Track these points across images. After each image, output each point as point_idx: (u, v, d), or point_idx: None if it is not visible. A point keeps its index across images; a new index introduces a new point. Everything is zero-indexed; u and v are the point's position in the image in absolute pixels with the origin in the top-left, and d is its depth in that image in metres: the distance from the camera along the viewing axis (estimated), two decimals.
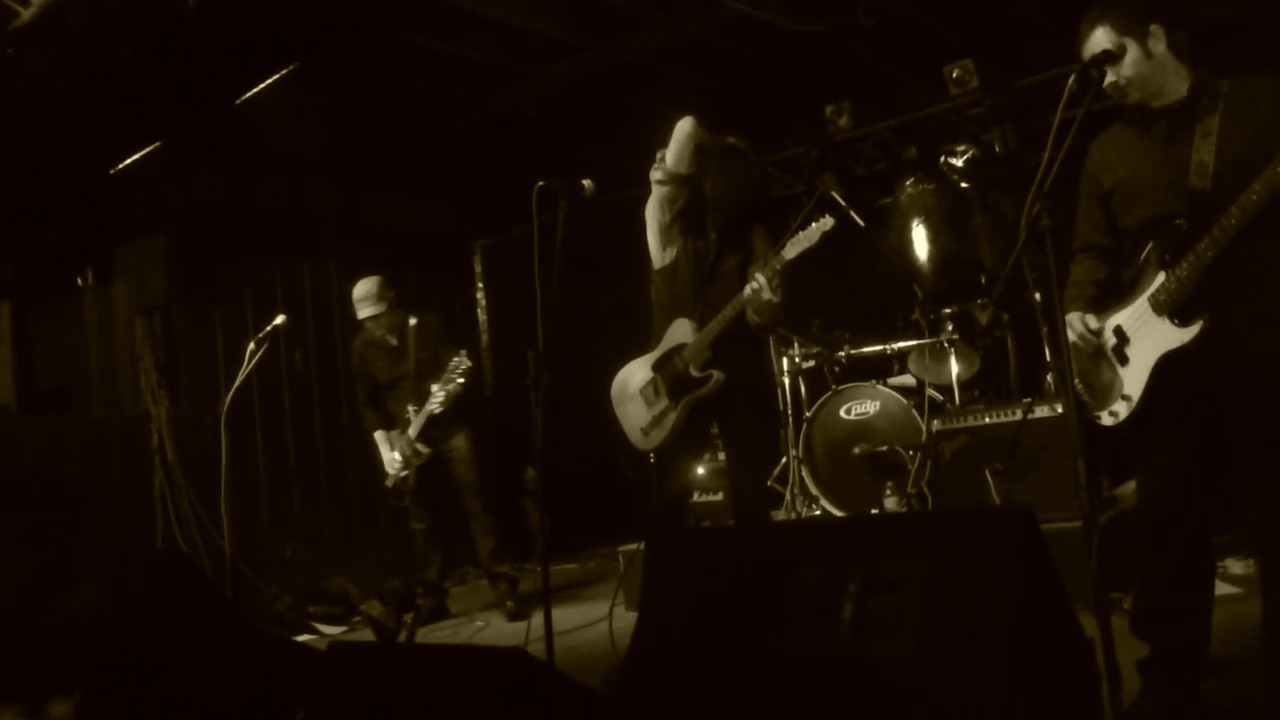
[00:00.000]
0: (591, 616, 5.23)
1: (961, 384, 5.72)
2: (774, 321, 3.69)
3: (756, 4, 5.42)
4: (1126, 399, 2.72)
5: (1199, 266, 2.55)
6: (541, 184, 3.41)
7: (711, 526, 5.73)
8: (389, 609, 5.14)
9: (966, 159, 7.05)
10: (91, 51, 4.59)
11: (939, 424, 4.97)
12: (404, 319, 5.58)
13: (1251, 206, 2.47)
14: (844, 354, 6.10)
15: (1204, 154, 2.61)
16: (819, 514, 5.77)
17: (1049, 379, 5.29)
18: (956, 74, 6.37)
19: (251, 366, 5.20)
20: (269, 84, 5.25)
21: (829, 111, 6.97)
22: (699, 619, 2.28)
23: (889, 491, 5.25)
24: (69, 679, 2.88)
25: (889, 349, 6.04)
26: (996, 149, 6.60)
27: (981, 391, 5.94)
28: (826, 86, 6.98)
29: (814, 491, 5.81)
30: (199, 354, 6.76)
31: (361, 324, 5.57)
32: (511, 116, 7.00)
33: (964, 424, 4.87)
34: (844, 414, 5.83)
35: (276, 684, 2.71)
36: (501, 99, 6.77)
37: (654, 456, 3.80)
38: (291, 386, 7.20)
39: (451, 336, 5.78)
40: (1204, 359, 2.59)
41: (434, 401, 5.23)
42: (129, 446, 6.35)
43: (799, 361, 6.17)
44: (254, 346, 5.21)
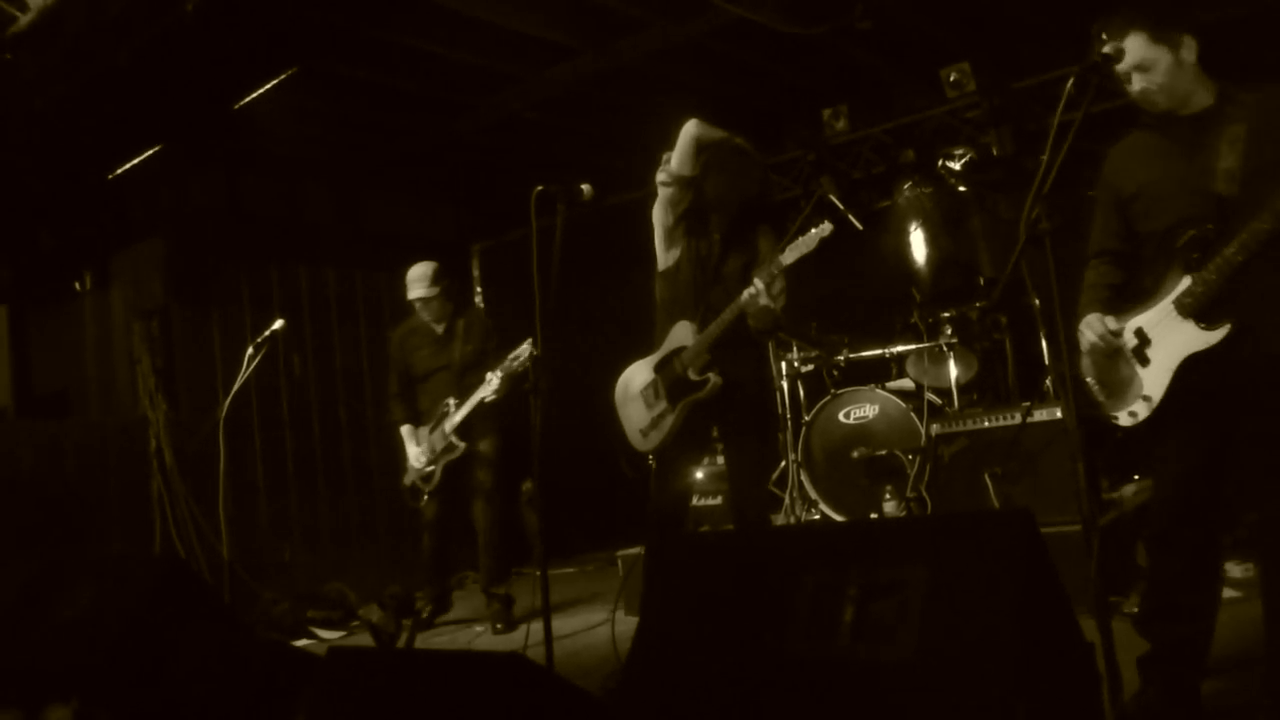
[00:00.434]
0: (590, 621, 5.22)
1: (960, 387, 5.73)
2: (772, 326, 3.68)
3: (753, 7, 5.43)
4: (1147, 399, 2.76)
5: (1227, 270, 2.59)
6: (540, 188, 3.41)
7: (711, 531, 5.73)
8: (388, 614, 5.10)
9: (964, 162, 7.06)
10: (89, 56, 4.59)
11: (938, 427, 4.97)
12: (453, 312, 5.47)
13: None
14: (842, 357, 6.10)
15: (1230, 161, 2.64)
16: (818, 518, 5.76)
17: (1048, 382, 5.29)
18: (954, 77, 6.39)
19: (250, 371, 5.19)
20: (266, 89, 5.25)
21: (826, 115, 6.98)
22: (699, 623, 2.28)
23: (888, 495, 5.25)
24: (67, 684, 2.87)
25: (887, 352, 6.05)
26: (994, 152, 6.61)
27: (980, 395, 5.95)
28: (824, 90, 6.99)
29: (813, 495, 5.81)
30: (196, 358, 6.75)
31: (409, 308, 5.46)
32: (509, 120, 7.01)
33: (963, 427, 4.87)
34: (843, 418, 5.83)
35: (275, 689, 2.71)
36: (499, 102, 6.78)
37: (653, 458, 3.80)
38: (289, 391, 7.19)
39: (498, 336, 5.58)
40: (1227, 362, 2.62)
41: (488, 387, 4.99)
42: (127, 451, 6.34)
43: (797, 365, 6.17)
44: (252, 351, 5.20)
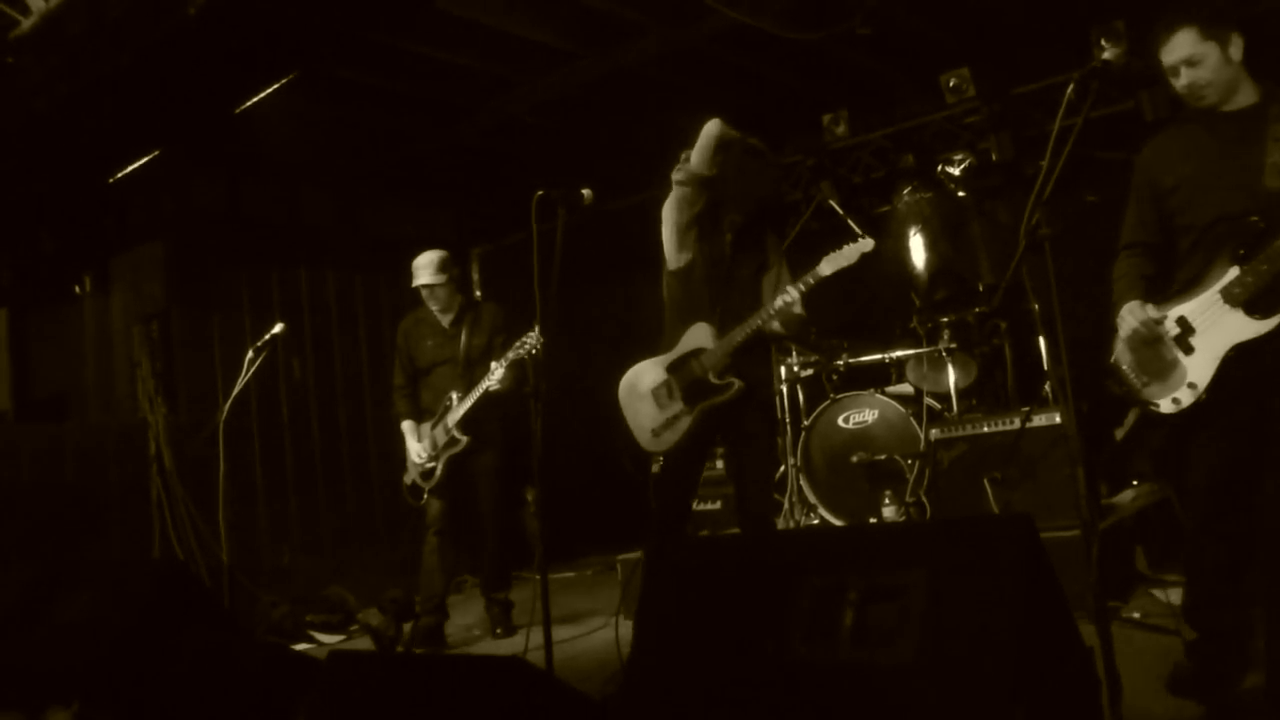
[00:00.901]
0: (590, 625, 5.22)
1: (959, 392, 5.73)
2: (798, 334, 3.73)
3: (754, 13, 5.44)
4: (1193, 386, 2.81)
5: (1279, 262, 2.64)
6: (540, 193, 3.42)
7: (711, 535, 5.73)
8: (387, 617, 5.09)
9: (963, 167, 7.07)
10: (90, 60, 4.60)
11: (937, 432, 4.97)
12: (464, 303, 5.33)
13: None
14: (842, 362, 6.10)
15: (1277, 156, 2.71)
16: (817, 522, 5.76)
17: (1047, 387, 5.30)
18: (953, 82, 6.40)
19: (250, 375, 5.19)
20: (267, 93, 5.26)
21: (826, 120, 6.99)
22: (699, 627, 2.28)
23: (887, 500, 5.25)
24: (67, 687, 2.88)
25: (887, 357, 6.05)
26: (993, 157, 6.63)
27: (979, 400, 5.95)
28: (824, 95, 7.01)
29: (812, 500, 5.81)
30: (196, 361, 6.75)
31: (416, 298, 5.31)
32: (509, 124, 7.02)
33: (962, 432, 4.87)
34: (842, 422, 5.83)
35: (274, 693, 2.71)
36: (499, 107, 6.79)
37: (661, 460, 3.79)
38: (289, 394, 7.19)
39: (509, 329, 5.29)
40: (1275, 351, 2.68)
41: (492, 377, 4.85)
42: (126, 454, 6.34)
43: (797, 370, 6.17)
44: (252, 355, 5.19)
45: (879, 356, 6.07)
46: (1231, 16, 2.81)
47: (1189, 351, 2.82)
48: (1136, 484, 5.45)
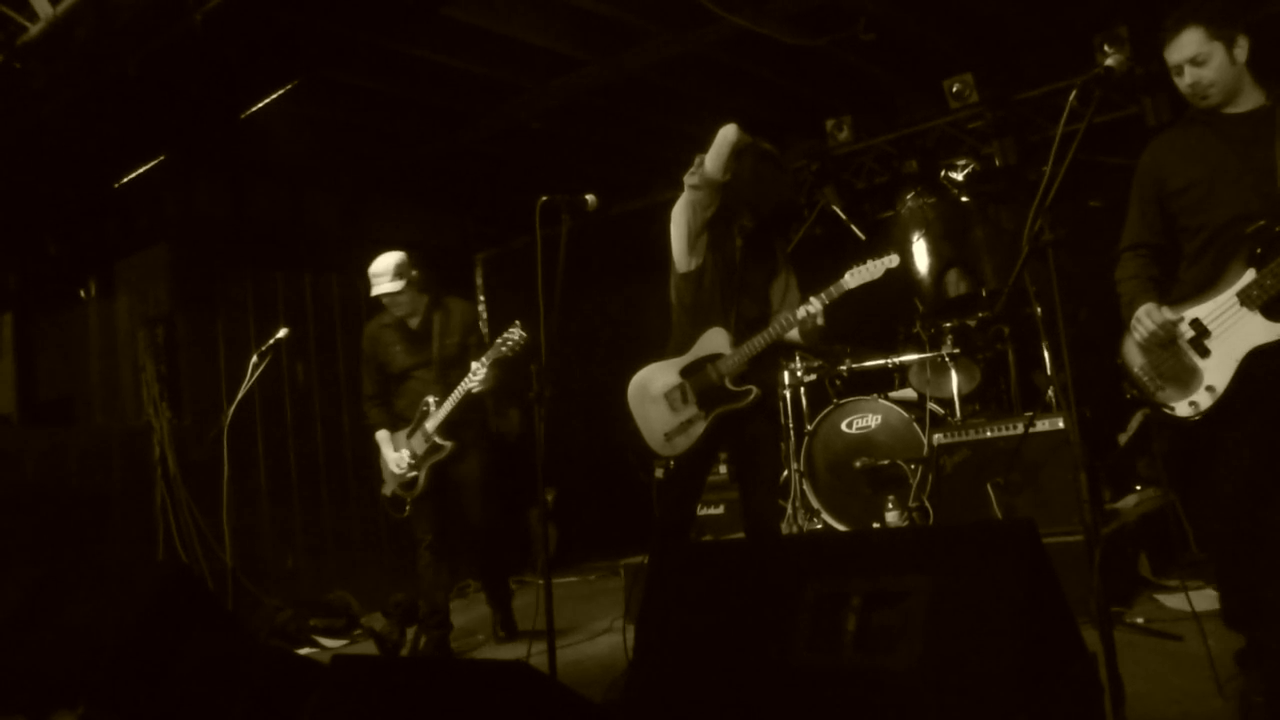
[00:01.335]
0: (594, 630, 5.23)
1: (962, 397, 5.73)
2: (815, 344, 3.74)
3: (757, 20, 5.45)
4: (1211, 390, 2.79)
5: None
6: (545, 199, 3.43)
7: (715, 540, 5.73)
8: (391, 622, 5.09)
9: (966, 172, 7.08)
10: (97, 65, 4.61)
11: (940, 437, 4.97)
12: (429, 303, 5.03)
13: None
14: (845, 368, 6.11)
15: None
16: (820, 528, 5.76)
17: (1050, 392, 5.30)
18: (956, 88, 6.40)
19: (254, 380, 5.20)
20: (273, 98, 5.27)
21: (829, 125, 6.99)
22: (703, 632, 2.29)
23: (890, 505, 5.25)
24: (72, 691, 2.88)
25: (890, 363, 6.05)
26: (996, 162, 6.63)
27: (982, 405, 5.95)
28: (827, 100, 7.02)
29: (815, 505, 5.81)
30: (201, 365, 6.77)
31: (378, 305, 5.05)
32: (513, 129, 7.04)
33: (965, 438, 4.87)
34: (845, 428, 5.83)
35: (278, 698, 2.71)
36: (503, 112, 6.80)
37: (672, 464, 3.79)
38: (293, 398, 7.20)
39: (479, 327, 5.13)
40: None
41: (474, 378, 4.62)
42: (130, 458, 6.36)
43: (800, 375, 6.17)
44: (257, 359, 5.20)
45: (882, 361, 6.07)
46: (1239, 18, 2.80)
47: (1205, 354, 2.79)
48: (1140, 489, 5.45)
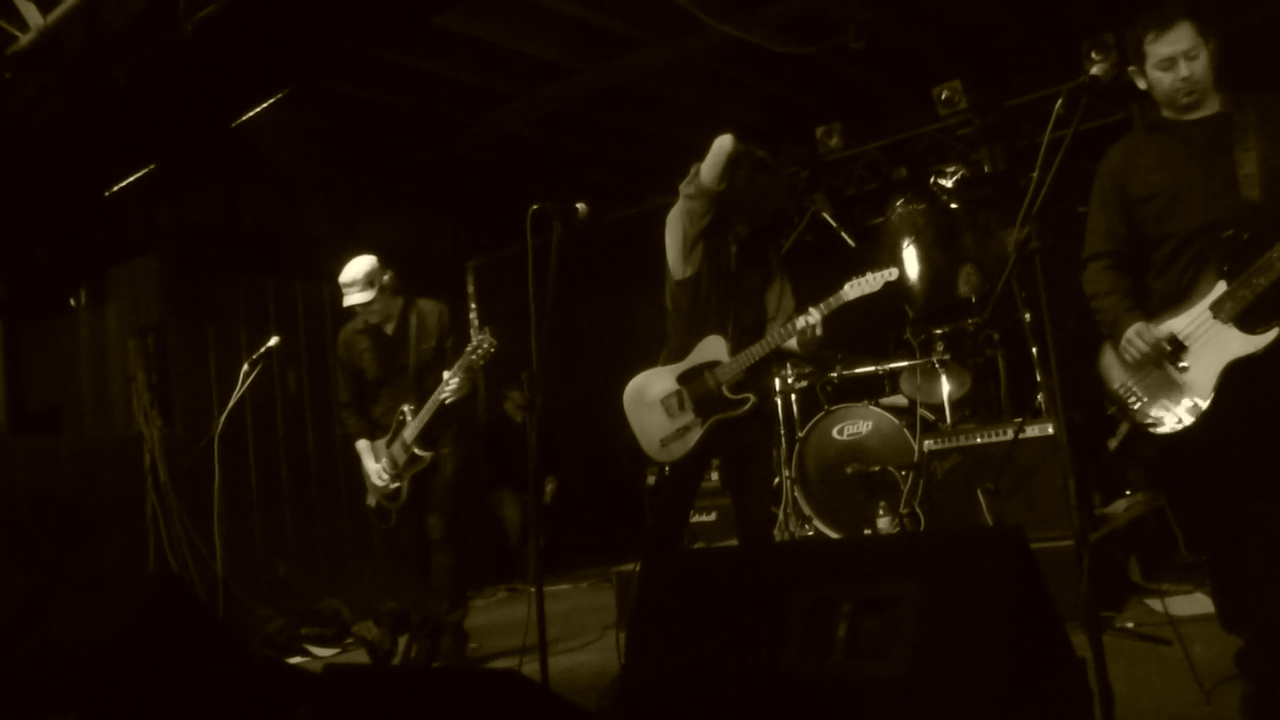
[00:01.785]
0: (586, 637, 5.22)
1: (953, 403, 5.75)
2: (813, 354, 3.75)
3: (748, 28, 5.47)
4: (1194, 405, 2.76)
5: (1271, 275, 2.62)
6: (536, 207, 3.43)
7: (706, 547, 5.73)
8: (383, 630, 5.07)
9: (956, 179, 7.11)
10: (88, 75, 4.61)
11: (931, 443, 4.99)
12: (404, 306, 4.89)
13: None
14: (836, 374, 6.12)
15: (1249, 167, 2.69)
16: (812, 534, 5.77)
17: (1040, 398, 5.32)
18: (945, 95, 6.44)
19: (245, 388, 5.19)
20: (264, 106, 5.27)
21: (820, 132, 7.02)
22: (694, 639, 2.29)
23: (882, 511, 5.26)
24: (61, 702, 2.87)
25: (881, 369, 6.07)
26: (985, 169, 6.67)
27: (973, 411, 5.97)
28: (817, 107, 7.05)
29: (807, 511, 5.82)
30: (192, 374, 6.75)
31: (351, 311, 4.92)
32: (505, 137, 7.05)
33: (956, 443, 4.89)
34: (836, 434, 5.84)
35: (269, 707, 2.71)
36: (495, 120, 6.82)
37: (666, 470, 3.79)
38: (284, 406, 7.19)
39: (458, 329, 5.00)
40: (1272, 365, 2.66)
41: (446, 389, 4.54)
42: (121, 467, 6.34)
43: (791, 381, 6.19)
44: (248, 368, 5.19)
45: (873, 368, 6.09)
46: (1219, 22, 2.80)
47: (1184, 369, 2.77)
48: (1130, 493, 5.47)
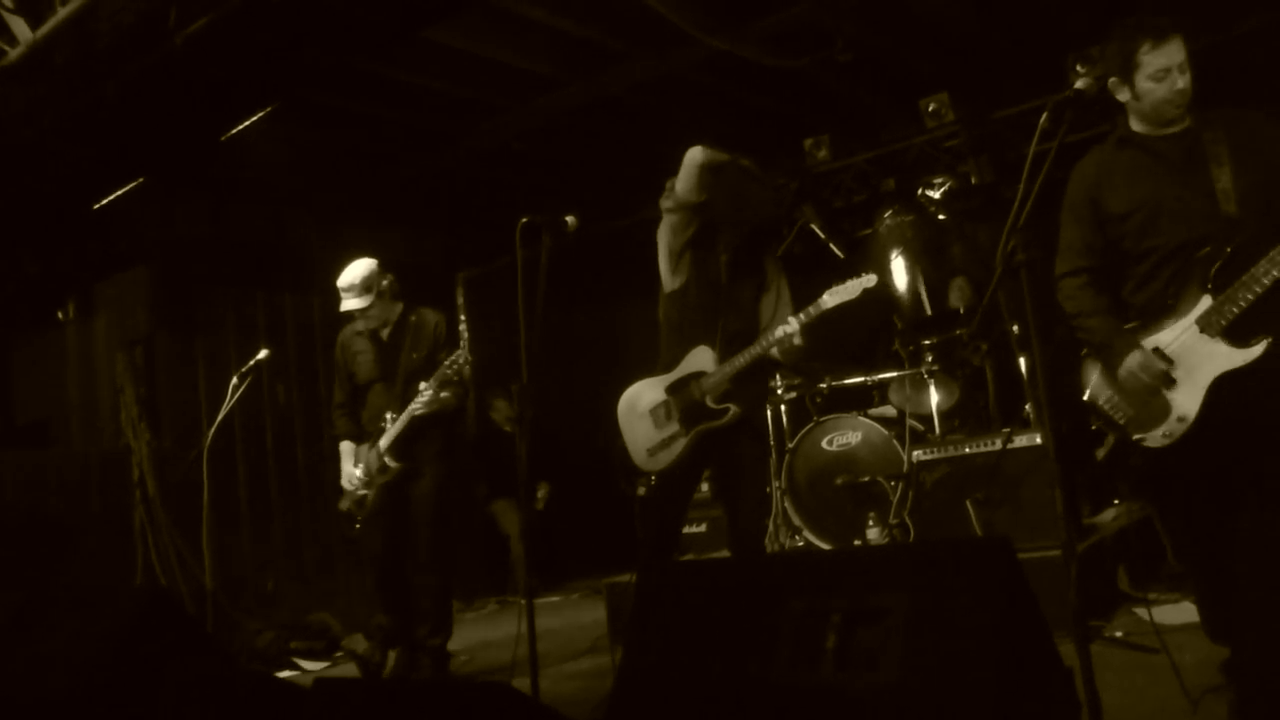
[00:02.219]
0: (577, 650, 5.21)
1: (942, 414, 5.76)
2: (796, 363, 3.74)
3: (736, 42, 5.50)
4: (1182, 419, 2.78)
5: (1257, 289, 2.63)
6: (525, 220, 3.44)
7: (697, 559, 5.74)
8: (373, 644, 5.05)
9: (944, 190, 7.15)
10: (77, 89, 4.61)
11: (920, 454, 5.01)
12: (403, 313, 4.85)
13: None
14: (825, 385, 6.14)
15: (1224, 181, 2.72)
16: (802, 545, 5.78)
17: (1028, 408, 5.34)
18: (933, 107, 6.48)
19: (234, 401, 5.17)
20: (253, 120, 5.28)
21: (808, 144, 7.06)
22: (685, 650, 2.29)
23: (871, 522, 5.27)
24: (48, 717, 2.85)
25: (870, 380, 6.09)
26: (973, 180, 6.71)
27: (962, 421, 5.99)
28: (805, 119, 7.08)
29: (797, 522, 5.82)
30: (180, 387, 6.73)
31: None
32: (494, 150, 7.06)
33: (945, 454, 4.91)
34: (826, 445, 5.85)
35: None
36: (485, 132, 6.83)
37: (654, 479, 3.80)
38: (274, 420, 7.17)
39: (453, 343, 4.94)
40: (1261, 378, 2.67)
41: (419, 401, 4.50)
42: (109, 480, 6.31)
43: (780, 392, 6.20)
44: (237, 381, 5.18)
45: (862, 379, 6.11)
46: (1194, 39, 2.83)
47: (1171, 384, 2.78)
48: (1118, 503, 5.49)
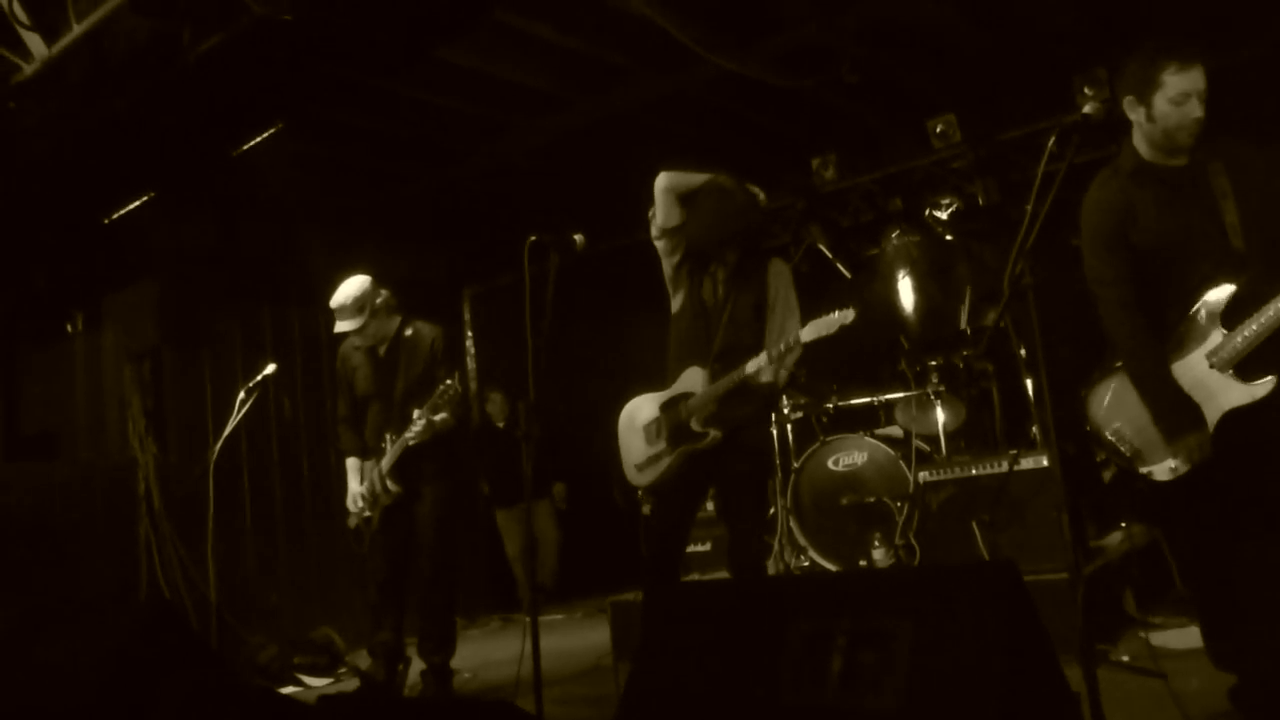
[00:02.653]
0: (580, 668, 5.19)
1: (948, 434, 5.76)
2: (773, 397, 3.75)
3: (743, 62, 5.53)
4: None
5: (1268, 326, 2.64)
6: (533, 239, 3.45)
7: (702, 579, 5.72)
8: (377, 660, 5.04)
9: (950, 211, 7.16)
10: (90, 105, 4.64)
11: (926, 475, 4.99)
12: (399, 327, 4.79)
13: None
14: (831, 405, 6.14)
15: (1231, 215, 2.74)
16: (807, 565, 5.76)
17: (1034, 430, 5.34)
18: (940, 128, 6.50)
19: (241, 415, 5.18)
20: (264, 136, 5.31)
21: (815, 164, 7.08)
22: (690, 672, 2.29)
23: (877, 542, 5.26)
24: None
25: (876, 400, 6.09)
26: (979, 201, 6.72)
27: (968, 442, 5.98)
28: (813, 139, 7.11)
29: (802, 542, 5.81)
30: (187, 400, 6.74)
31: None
32: (501, 167, 7.10)
33: (951, 475, 4.90)
34: (832, 464, 5.84)
35: None
36: (492, 150, 6.87)
37: (640, 493, 3.83)
38: (280, 434, 7.18)
39: (452, 358, 4.92)
40: (1270, 413, 2.68)
41: (412, 430, 4.48)
42: (115, 493, 6.32)
43: (787, 412, 6.20)
44: (244, 395, 5.18)
45: (868, 399, 6.11)
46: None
47: None
48: (1125, 526, 5.47)
